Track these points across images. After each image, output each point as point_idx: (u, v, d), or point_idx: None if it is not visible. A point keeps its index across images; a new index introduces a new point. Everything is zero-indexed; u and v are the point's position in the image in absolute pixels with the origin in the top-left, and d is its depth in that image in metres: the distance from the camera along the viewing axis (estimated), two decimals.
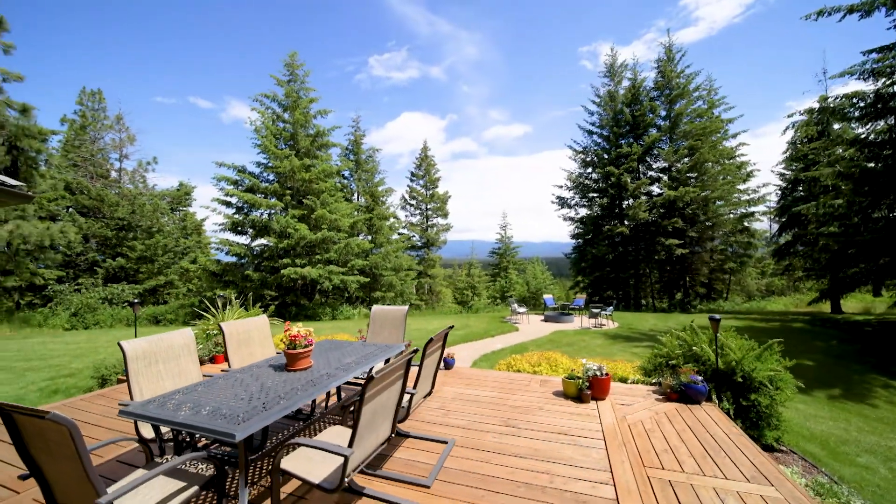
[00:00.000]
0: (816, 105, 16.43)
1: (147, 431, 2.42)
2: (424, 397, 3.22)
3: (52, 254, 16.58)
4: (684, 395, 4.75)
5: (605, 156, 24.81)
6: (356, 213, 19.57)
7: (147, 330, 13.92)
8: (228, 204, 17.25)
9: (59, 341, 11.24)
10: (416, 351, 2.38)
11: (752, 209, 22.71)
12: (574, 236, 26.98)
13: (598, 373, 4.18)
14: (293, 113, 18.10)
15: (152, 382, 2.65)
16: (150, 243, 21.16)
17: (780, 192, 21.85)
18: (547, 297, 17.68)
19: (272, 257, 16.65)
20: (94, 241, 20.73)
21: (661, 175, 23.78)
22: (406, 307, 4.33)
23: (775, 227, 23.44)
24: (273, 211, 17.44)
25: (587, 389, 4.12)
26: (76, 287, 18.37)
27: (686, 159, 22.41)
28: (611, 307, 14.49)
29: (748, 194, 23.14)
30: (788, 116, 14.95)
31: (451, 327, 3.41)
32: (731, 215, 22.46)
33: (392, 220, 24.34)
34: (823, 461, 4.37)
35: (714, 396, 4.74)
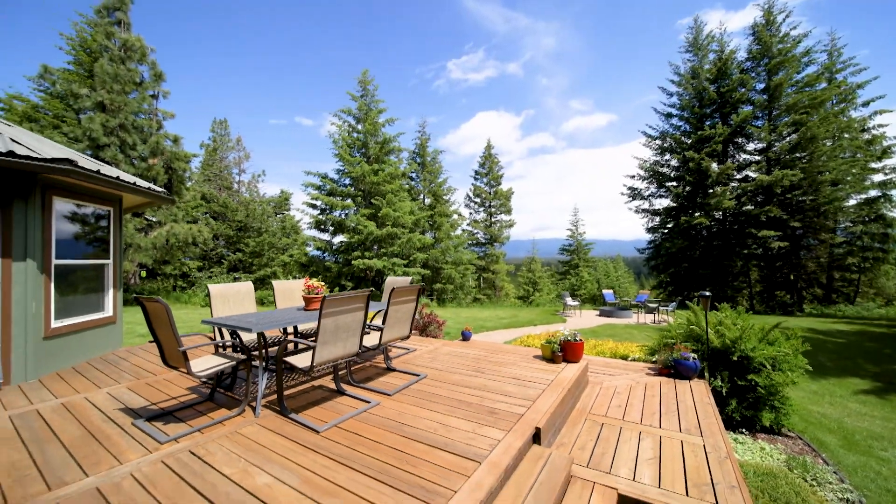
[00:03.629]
0: None
1: (217, 338, 3.84)
2: (403, 339, 4.16)
3: (193, 249, 21.60)
4: (676, 370, 4.87)
5: (685, 140, 22.45)
6: (418, 210, 21.23)
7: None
8: (314, 206, 20.34)
9: (196, 313, 14.91)
10: (372, 290, 3.36)
11: (893, 192, 18.40)
12: (649, 230, 24.95)
13: (570, 338, 4.62)
14: (364, 124, 20.50)
15: (224, 311, 4.10)
16: (259, 240, 25.86)
17: None
18: (606, 292, 17.02)
19: (347, 251, 19.21)
20: (221, 239, 26.14)
21: (754, 157, 20.68)
22: (409, 278, 5.32)
23: None
24: (348, 211, 20.05)
25: (559, 352, 4.60)
26: (209, 275, 23.54)
27: (793, 136, 19.16)
28: (673, 303, 13.50)
29: (884, 174, 18.87)
30: None
31: (423, 284, 4.28)
32: (855, 200, 18.52)
33: (455, 216, 25.59)
34: (832, 449, 4.14)
35: (706, 374, 4.76)
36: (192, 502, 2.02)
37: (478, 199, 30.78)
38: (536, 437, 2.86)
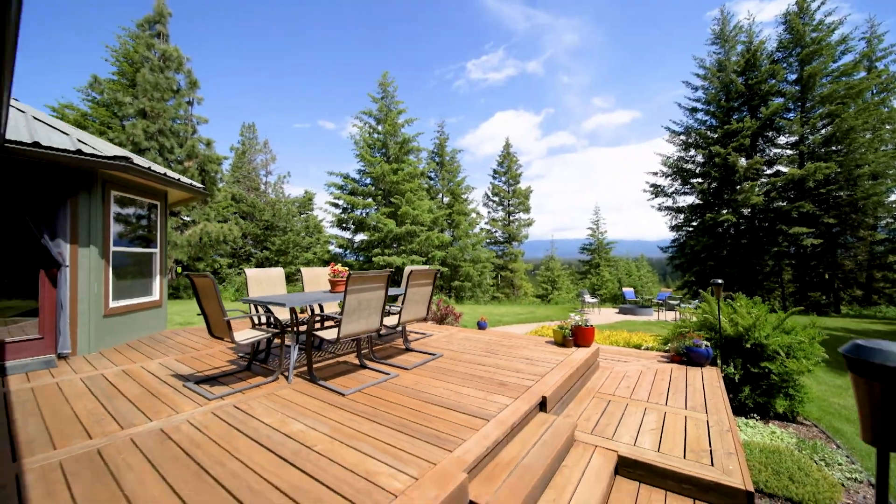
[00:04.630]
0: None
1: (254, 313, 4.24)
2: (420, 321, 4.44)
3: (224, 247, 22.73)
4: (688, 358, 4.94)
5: (711, 135, 21.80)
6: (436, 209, 21.57)
7: None
8: (336, 205, 21.03)
9: (228, 306, 15.81)
10: (392, 271, 3.65)
11: None
12: (673, 228, 24.35)
13: (581, 324, 4.77)
14: (384, 125, 21.03)
15: (258, 293, 4.51)
16: (285, 239, 26.90)
17: None
18: (627, 290, 16.82)
19: (367, 248, 19.76)
20: (250, 237, 27.35)
21: (786, 151, 19.85)
22: (429, 266, 5.59)
23: None
24: (368, 210, 20.62)
25: (570, 336, 4.76)
26: (238, 271, 24.69)
27: (828, 128, 18.30)
28: (696, 301, 13.23)
29: None
30: None
31: (439, 271, 4.55)
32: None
33: (473, 215, 25.78)
34: (847, 436, 4.13)
35: (719, 361, 4.80)
36: (239, 441, 2.36)
37: (496, 198, 30.85)
38: (543, 406, 3.07)
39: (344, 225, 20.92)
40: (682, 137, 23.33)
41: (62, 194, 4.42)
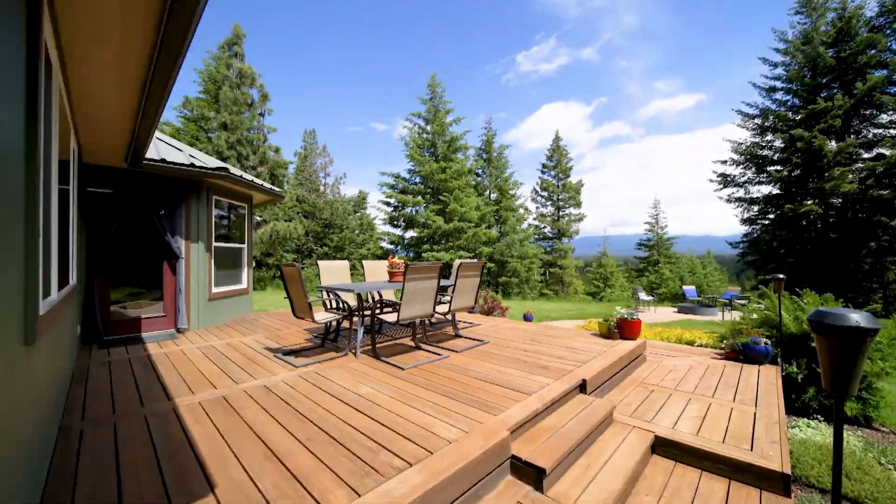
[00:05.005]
0: None
1: (325, 298, 4.93)
2: (470, 311, 4.83)
3: (290, 243, 25.01)
4: (745, 355, 4.80)
5: (793, 116, 19.47)
6: (483, 205, 21.80)
7: None
8: (388, 203, 22.15)
9: None
10: (443, 264, 4.07)
11: None
12: (745, 221, 22.18)
13: (627, 317, 4.84)
14: (433, 125, 21.68)
15: (328, 280, 5.20)
16: (342, 236, 28.82)
17: None
18: (688, 288, 15.81)
19: (417, 244, 20.61)
20: (311, 235, 29.69)
21: (888, 131, 17.15)
22: (475, 260, 5.97)
23: None
24: (418, 208, 21.45)
25: (615, 329, 4.85)
26: (302, 266, 27.00)
27: None
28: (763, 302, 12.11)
29: None
30: None
31: (485, 263, 4.90)
32: None
33: (521, 211, 25.61)
34: None
35: (779, 360, 4.60)
36: (323, 396, 2.93)
37: (545, 193, 30.23)
38: (583, 388, 3.31)
39: (395, 222, 22.00)
40: (758, 121, 21.10)
41: (179, 199, 5.45)
